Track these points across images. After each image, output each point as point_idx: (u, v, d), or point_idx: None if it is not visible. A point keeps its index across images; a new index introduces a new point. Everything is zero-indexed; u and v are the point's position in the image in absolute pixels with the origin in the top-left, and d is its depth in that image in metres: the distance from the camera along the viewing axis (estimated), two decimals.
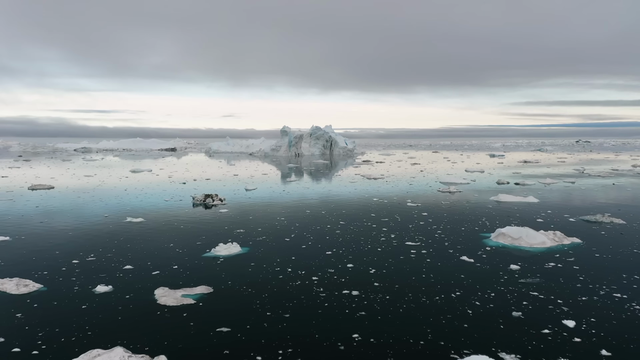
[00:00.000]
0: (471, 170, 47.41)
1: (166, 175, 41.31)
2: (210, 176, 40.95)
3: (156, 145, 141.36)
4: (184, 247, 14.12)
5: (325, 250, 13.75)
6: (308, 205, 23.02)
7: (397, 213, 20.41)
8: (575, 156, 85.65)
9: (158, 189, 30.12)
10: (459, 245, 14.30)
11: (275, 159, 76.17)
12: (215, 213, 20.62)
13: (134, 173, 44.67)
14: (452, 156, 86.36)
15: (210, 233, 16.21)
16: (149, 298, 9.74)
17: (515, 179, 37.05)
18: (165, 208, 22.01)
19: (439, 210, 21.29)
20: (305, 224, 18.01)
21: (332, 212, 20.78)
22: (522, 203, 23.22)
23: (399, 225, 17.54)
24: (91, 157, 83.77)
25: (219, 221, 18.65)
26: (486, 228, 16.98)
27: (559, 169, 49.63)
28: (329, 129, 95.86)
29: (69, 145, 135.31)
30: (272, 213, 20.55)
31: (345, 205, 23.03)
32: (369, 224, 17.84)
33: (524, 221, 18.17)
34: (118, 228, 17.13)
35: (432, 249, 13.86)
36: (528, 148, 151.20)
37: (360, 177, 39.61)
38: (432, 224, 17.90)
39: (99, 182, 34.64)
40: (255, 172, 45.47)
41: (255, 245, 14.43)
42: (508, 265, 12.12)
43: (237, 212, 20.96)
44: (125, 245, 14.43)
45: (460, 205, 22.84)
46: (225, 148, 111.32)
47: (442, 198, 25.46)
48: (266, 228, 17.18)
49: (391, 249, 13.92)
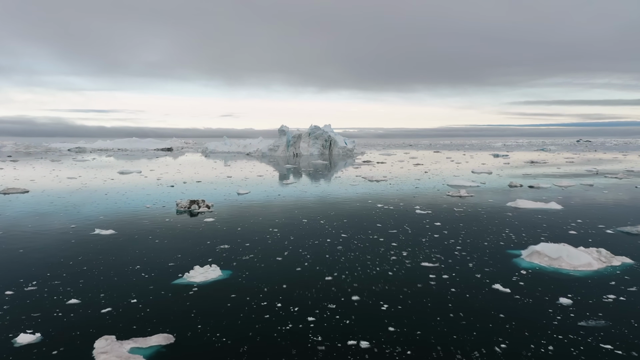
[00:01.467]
0: (478, 171, 44.93)
1: (155, 177, 38.77)
2: (202, 178, 38.42)
3: (152, 145, 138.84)
4: (152, 271, 11.59)
5: (324, 275, 11.23)
6: (305, 212, 20.50)
7: (406, 222, 17.89)
8: (581, 156, 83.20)
9: (142, 193, 27.58)
10: (487, 267, 11.79)
11: (272, 159, 73.63)
12: (198, 223, 18.09)
13: (122, 175, 42.12)
14: (454, 156, 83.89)
15: (188, 251, 13.67)
16: (83, 355, 7.21)
17: (526, 181, 34.58)
18: (144, 216, 19.47)
19: (453, 219, 18.77)
20: (301, 237, 15.49)
21: (332, 221, 18.27)
22: (544, 210, 20.71)
23: (410, 239, 15.02)
24: (83, 157, 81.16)
25: (201, 234, 16.11)
26: (513, 243, 14.45)
27: (569, 170, 47.13)
28: (328, 129, 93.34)
29: (64, 145, 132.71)
30: (264, 223, 18.02)
31: (347, 212, 20.51)
32: (375, 237, 15.32)
33: (555, 234, 15.68)
34: (81, 243, 14.59)
35: (454, 273, 11.35)
36: (530, 148, 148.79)
37: (362, 179, 37.10)
38: (448, 236, 15.39)
39: (80, 185, 32.08)
40: (251, 174, 42.94)
41: (239, 268, 11.90)
42: (556, 297, 9.60)
43: (224, 221, 18.43)
44: (80, 267, 11.89)
45: (476, 212, 20.33)
46: (222, 148, 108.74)
47: (454, 203, 22.95)
48: (255, 243, 14.65)
49: (405, 273, 11.40)
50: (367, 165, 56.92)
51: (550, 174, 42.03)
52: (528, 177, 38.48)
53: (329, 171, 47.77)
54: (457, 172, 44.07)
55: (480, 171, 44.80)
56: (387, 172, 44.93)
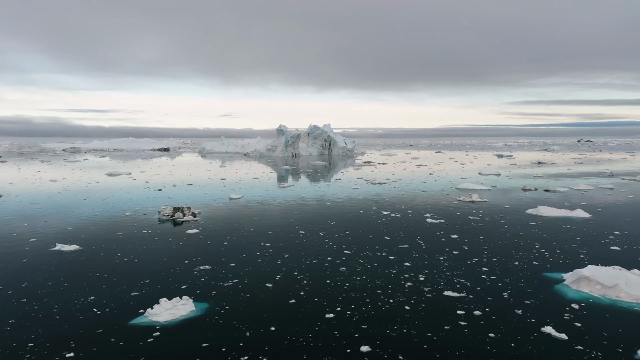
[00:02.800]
0: (485, 173, 42.64)
1: (144, 180, 36.44)
2: (194, 180, 36.08)
3: (149, 145, 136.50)
4: (108, 304, 9.26)
5: (324, 311, 8.92)
6: (303, 222, 18.19)
7: (417, 235, 15.59)
8: (587, 156, 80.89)
9: (125, 198, 25.25)
10: (527, 299, 9.48)
11: (270, 160, 71.32)
12: (179, 235, 15.76)
13: (109, 177, 39.78)
14: (457, 156, 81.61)
15: (159, 274, 11.35)
16: None
17: (539, 183, 32.31)
18: (119, 226, 17.15)
19: (471, 230, 16.47)
20: (297, 254, 13.18)
21: (332, 232, 15.96)
22: (572, 220, 18.41)
23: (425, 257, 12.72)
24: (75, 158, 78.78)
25: (179, 251, 13.78)
26: (549, 263, 12.15)
27: (580, 171, 44.80)
28: (327, 128, 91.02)
29: (58, 145, 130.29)
30: (255, 235, 15.70)
31: (350, 222, 18.19)
32: (383, 255, 13.01)
33: (595, 251, 13.38)
34: (32, 263, 12.25)
35: (488, 307, 9.04)
36: (532, 148, 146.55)
37: (364, 181, 34.79)
38: (470, 253, 13.09)
39: (60, 189, 29.75)
40: (246, 176, 40.60)
41: (218, 299, 9.59)
42: (631, 348, 7.30)
43: (210, 233, 16.10)
44: (18, 299, 9.56)
45: (495, 222, 18.03)
46: (220, 148, 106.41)
47: (467, 210, 20.66)
48: (242, 263, 12.33)
49: (426, 307, 9.10)
50: (369, 166, 54.61)
51: (562, 176, 39.74)
52: (540, 179, 36.19)
53: (328, 173, 45.45)
54: (463, 174, 41.77)
55: (488, 172, 42.52)
56: (390, 173, 42.63)
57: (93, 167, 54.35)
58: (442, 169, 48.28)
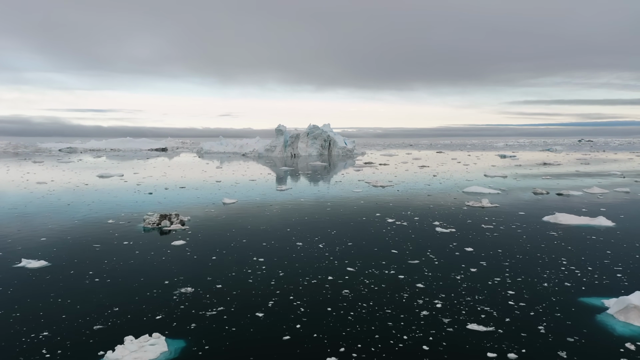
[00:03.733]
0: (490, 174, 41.06)
1: (136, 182, 34.84)
2: (188, 182, 34.49)
3: (146, 145, 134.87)
4: (62, 344, 7.65)
5: (324, 352, 7.34)
6: (300, 231, 16.61)
7: (427, 248, 14.01)
8: (592, 156, 79.31)
9: (111, 203, 23.66)
10: (569, 336, 7.89)
11: (269, 161, 69.75)
12: (163, 248, 14.17)
13: (100, 179, 38.17)
14: (459, 157, 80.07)
15: (132, 300, 9.75)
16: None
17: (550, 186, 30.74)
18: (99, 237, 15.56)
19: (486, 241, 14.90)
20: (293, 272, 11.61)
21: (333, 245, 14.38)
22: (595, 229, 16.84)
23: (440, 277, 11.14)
24: (70, 158, 77.20)
25: (160, 268, 12.20)
26: (584, 285, 10.56)
27: (588, 172, 43.19)
28: (327, 128, 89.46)
29: (55, 145, 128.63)
30: (248, 249, 14.12)
31: (352, 231, 16.62)
32: (391, 274, 11.43)
33: (634, 269, 11.80)
34: None
35: (523, 348, 7.46)
36: (534, 148, 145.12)
37: (365, 184, 33.22)
38: (490, 271, 11.52)
39: (45, 192, 28.16)
40: (243, 177, 39.01)
41: (197, 335, 8.00)
42: None
43: (197, 245, 14.51)
44: None
45: (511, 231, 16.46)
46: (218, 148, 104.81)
47: (478, 217, 19.10)
48: (230, 283, 10.75)
49: (448, 346, 7.51)
50: (370, 167, 53.03)
51: (571, 178, 38.18)
52: (548, 181, 34.62)
53: (328, 174, 43.86)
54: (468, 176, 40.22)
55: (494, 174, 40.96)
56: (392, 175, 41.05)
57: (86, 168, 52.73)
58: (446, 170, 46.71)
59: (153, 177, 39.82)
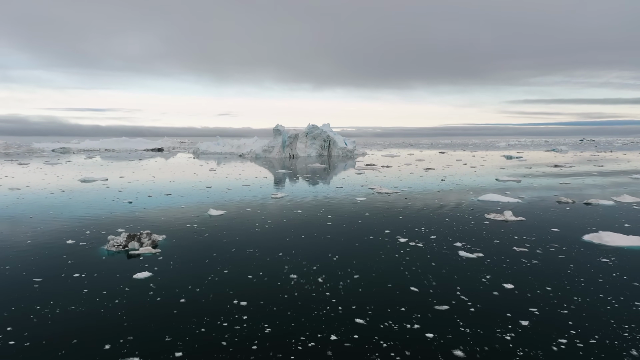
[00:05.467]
0: (502, 179, 38.12)
1: (119, 187, 31.90)
2: (176, 188, 31.55)
3: (142, 145, 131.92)
4: None
5: None
6: (295, 255, 13.69)
7: (455, 283, 11.10)
8: (602, 156, 76.28)
9: (81, 216, 20.72)
10: None
11: (266, 162, 66.83)
12: (122, 284, 11.23)
13: (82, 183, 35.25)
14: (463, 157, 77.13)
15: None
16: None
17: (572, 193, 27.80)
18: (46, 265, 12.62)
19: (526, 272, 11.98)
20: (285, 325, 8.68)
21: (336, 278, 11.47)
22: None
23: (481, 334, 8.23)
24: (59, 159, 74.23)
25: (107, 319, 9.25)
26: None
27: (606, 175, 40.23)
28: (327, 128, 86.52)
29: (47, 145, 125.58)
30: (229, 282, 11.18)
31: (358, 255, 13.70)
32: (415, 329, 8.52)
33: None
34: None
35: None
36: (537, 147, 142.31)
37: (369, 190, 30.31)
38: (549, 327, 8.61)
39: (12, 202, 25.21)
40: (236, 183, 36.06)
41: None
42: None
43: (165, 279, 11.58)
44: None
45: (551, 257, 13.55)
46: (215, 148, 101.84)
47: (506, 236, 16.21)
48: (198, 347, 7.83)
49: None
50: (372, 169, 50.08)
51: (591, 182, 35.25)
52: (568, 187, 31.71)
53: (328, 178, 40.90)
54: (478, 180, 37.31)
55: (506, 179, 38.00)
56: (397, 179, 38.12)
57: (72, 170, 49.72)
58: (453, 174, 43.78)
59: (139, 181, 36.86)
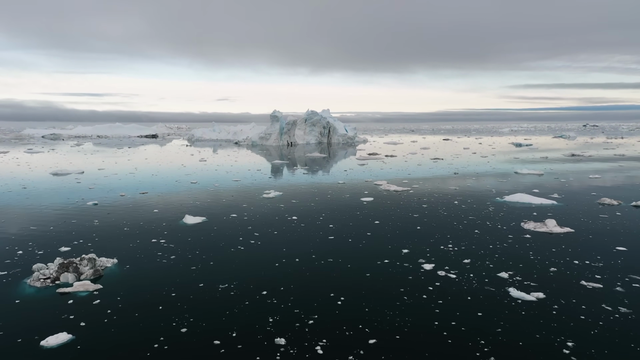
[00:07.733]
0: (522, 171, 34.22)
1: (91, 183, 28.10)
2: (156, 184, 27.75)
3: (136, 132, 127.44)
4: None
5: None
6: (287, 293, 9.96)
7: (522, 353, 7.41)
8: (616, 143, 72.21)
9: (22, 229, 17.00)
10: None
11: (263, 150, 62.93)
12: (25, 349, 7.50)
13: (54, 177, 31.49)
14: (470, 145, 73.23)
15: None
16: None
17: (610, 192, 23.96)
18: None
19: (615, 332, 8.31)
20: None
21: (342, 338, 7.76)
22: None
23: None
24: (42, 147, 70.27)
25: None
26: None
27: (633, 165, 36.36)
28: (326, 114, 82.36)
29: (38, 132, 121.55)
30: (196, 335, 7.46)
31: (371, 294, 9.98)
32: None
33: None
34: None
35: None
36: (542, 133, 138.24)
37: (375, 186, 26.56)
38: None
39: None
40: (226, 176, 32.25)
41: None
42: None
43: (97, 336, 7.84)
44: None
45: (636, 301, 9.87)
46: (210, 135, 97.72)
47: (559, 260, 12.52)
48: None
49: None
50: (375, 160, 46.23)
51: (624, 177, 31.44)
52: (601, 183, 27.95)
53: (328, 171, 37.04)
54: (494, 172, 33.54)
55: (526, 171, 34.14)
56: (404, 172, 34.29)
57: (50, 160, 45.80)
58: (465, 165, 39.93)
59: (118, 175, 33.02)
